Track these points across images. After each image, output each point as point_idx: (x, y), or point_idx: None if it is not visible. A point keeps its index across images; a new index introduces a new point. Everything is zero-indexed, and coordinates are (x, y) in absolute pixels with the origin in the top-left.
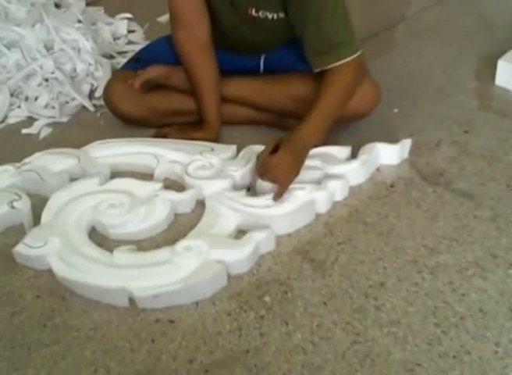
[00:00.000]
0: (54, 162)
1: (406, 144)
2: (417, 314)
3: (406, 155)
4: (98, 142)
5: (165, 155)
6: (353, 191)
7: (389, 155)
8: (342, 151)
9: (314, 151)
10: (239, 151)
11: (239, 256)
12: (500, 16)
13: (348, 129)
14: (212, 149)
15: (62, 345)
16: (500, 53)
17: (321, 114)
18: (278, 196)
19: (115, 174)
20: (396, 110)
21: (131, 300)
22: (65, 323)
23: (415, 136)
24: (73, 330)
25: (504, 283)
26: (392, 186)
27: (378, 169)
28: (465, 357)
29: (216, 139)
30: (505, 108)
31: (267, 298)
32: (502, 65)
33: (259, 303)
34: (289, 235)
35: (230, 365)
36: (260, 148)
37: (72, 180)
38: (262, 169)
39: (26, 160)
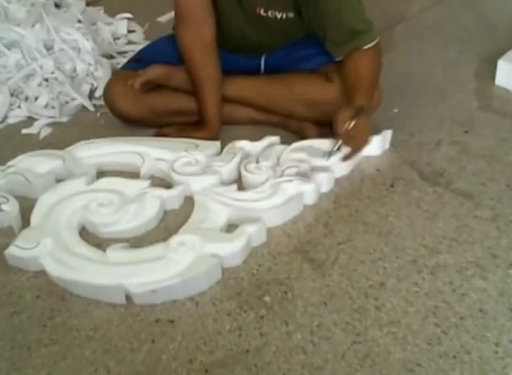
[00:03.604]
0: (39, 163)
1: (387, 134)
2: (417, 314)
3: (387, 145)
4: (83, 142)
5: (150, 153)
6: (339, 182)
7: (371, 146)
8: (326, 143)
9: (299, 144)
10: (223, 147)
11: (232, 249)
12: (500, 16)
13: None
14: (197, 146)
15: (62, 345)
16: (500, 53)
17: (368, 86)
18: (347, 159)
19: (100, 174)
20: (396, 110)
21: (128, 297)
22: (65, 323)
23: (415, 136)
24: (73, 330)
25: (504, 283)
26: (392, 186)
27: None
28: (465, 357)
29: (216, 139)
30: (505, 108)
31: (267, 298)
32: (502, 65)
33: (259, 303)
34: (289, 235)
35: (230, 365)
36: (243, 143)
37: (58, 181)
38: (346, 137)
39: (11, 163)
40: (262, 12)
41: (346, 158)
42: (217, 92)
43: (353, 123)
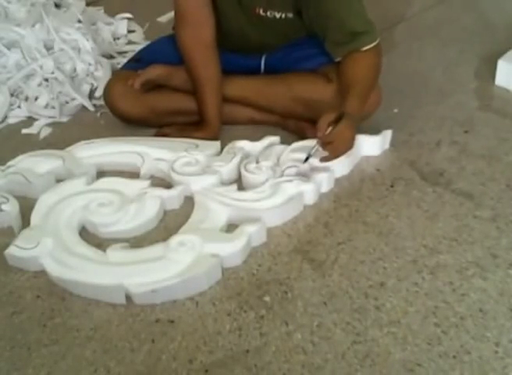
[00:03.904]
0: (39, 163)
1: (387, 134)
2: (417, 314)
3: (387, 145)
4: (83, 142)
5: (150, 153)
6: (339, 182)
7: (371, 146)
8: None
9: (299, 144)
10: (223, 147)
11: (232, 249)
12: (500, 16)
13: None
14: (197, 146)
15: (62, 345)
16: (500, 53)
17: (363, 87)
18: (325, 160)
19: (100, 174)
20: (396, 110)
21: (128, 298)
22: (65, 323)
23: (415, 136)
24: (73, 330)
25: (504, 283)
26: (392, 186)
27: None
28: (465, 357)
29: (216, 139)
30: (505, 108)
31: (267, 298)
32: (502, 65)
33: (259, 303)
34: (289, 235)
35: (230, 365)
36: (243, 143)
37: (58, 181)
38: (325, 141)
39: (11, 163)
40: (262, 12)
41: (324, 159)
42: (217, 92)
43: (329, 129)
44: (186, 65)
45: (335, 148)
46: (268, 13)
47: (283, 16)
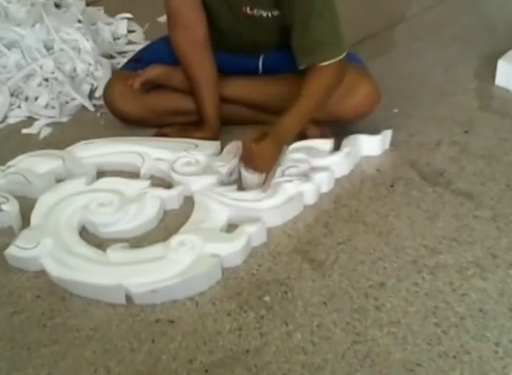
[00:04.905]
0: (39, 163)
1: (387, 134)
2: (417, 314)
3: (387, 145)
4: (83, 142)
5: (150, 153)
6: (339, 182)
7: (371, 146)
8: (325, 143)
9: (299, 144)
10: (223, 147)
11: (232, 249)
12: (500, 16)
13: (348, 129)
14: (197, 146)
15: (62, 345)
16: (500, 53)
17: (302, 109)
18: (265, 184)
19: (100, 174)
20: (396, 110)
21: (128, 298)
22: (65, 323)
23: (415, 136)
24: (73, 330)
25: (504, 283)
26: (392, 186)
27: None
28: (465, 357)
29: (216, 139)
30: (505, 108)
31: (267, 298)
32: (502, 65)
33: (259, 303)
34: (289, 235)
35: (230, 365)
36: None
37: (58, 181)
38: (246, 157)
39: (11, 163)
40: (249, 10)
41: (264, 184)
42: (214, 92)
43: (253, 146)
44: (181, 66)
45: (257, 164)
46: (255, 11)
47: (269, 14)
